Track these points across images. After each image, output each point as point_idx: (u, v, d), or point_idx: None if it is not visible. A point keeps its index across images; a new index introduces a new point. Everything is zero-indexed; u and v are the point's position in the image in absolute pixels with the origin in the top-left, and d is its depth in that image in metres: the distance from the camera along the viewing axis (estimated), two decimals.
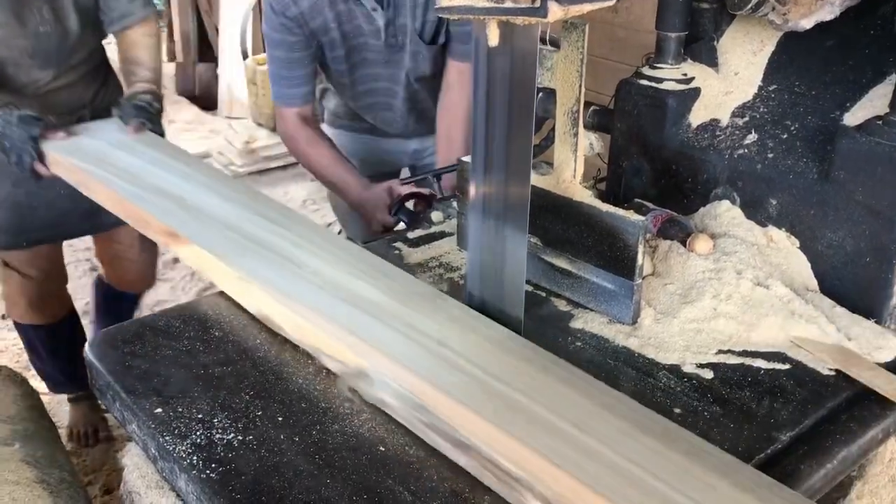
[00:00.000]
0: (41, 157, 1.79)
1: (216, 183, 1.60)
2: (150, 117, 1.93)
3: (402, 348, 1.11)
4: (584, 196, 1.34)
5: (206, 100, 5.85)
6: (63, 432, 2.52)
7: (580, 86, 1.26)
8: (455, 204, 1.64)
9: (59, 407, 2.71)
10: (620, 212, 1.29)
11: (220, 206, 1.50)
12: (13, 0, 1.95)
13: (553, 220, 1.36)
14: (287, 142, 2.22)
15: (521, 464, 0.93)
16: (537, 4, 0.96)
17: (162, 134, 1.96)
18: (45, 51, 2.03)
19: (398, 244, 1.62)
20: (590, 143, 1.46)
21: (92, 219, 2.19)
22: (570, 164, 1.34)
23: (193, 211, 1.48)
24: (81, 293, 3.44)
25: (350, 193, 2.12)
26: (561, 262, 1.40)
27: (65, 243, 2.52)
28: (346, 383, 1.16)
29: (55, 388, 2.68)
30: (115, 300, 2.70)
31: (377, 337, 1.14)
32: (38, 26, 2.00)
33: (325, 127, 2.39)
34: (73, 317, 2.61)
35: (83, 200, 1.73)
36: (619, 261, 1.31)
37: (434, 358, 1.09)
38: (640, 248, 1.27)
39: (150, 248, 2.55)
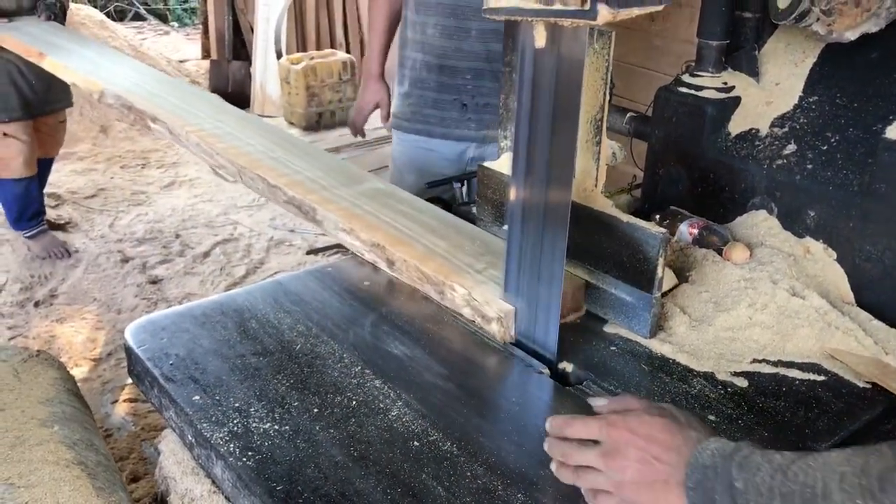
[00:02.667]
0: None
1: (78, 38, 2.85)
2: (55, 12, 3.18)
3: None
4: (605, 206, 1.32)
5: (238, 98, 5.89)
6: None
7: (605, 93, 1.25)
8: (475, 210, 1.63)
9: (90, 396, 2.74)
10: (641, 223, 1.27)
11: (72, 46, 2.64)
12: None
13: (572, 229, 1.33)
14: None
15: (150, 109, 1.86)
16: (587, 7, 0.96)
17: (62, 23, 3.21)
18: None
19: None
20: (612, 152, 1.44)
21: (48, 104, 3.47)
22: (592, 173, 1.32)
23: (56, 47, 2.61)
24: (113, 283, 3.49)
25: (365, 68, 2.48)
26: (579, 273, 1.39)
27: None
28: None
29: (31, 227, 3.64)
30: (44, 167, 3.75)
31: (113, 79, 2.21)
32: None
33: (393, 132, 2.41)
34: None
35: (44, 91, 3.37)
36: (638, 273, 1.29)
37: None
38: (661, 261, 1.25)
39: (64, 129, 3.76)
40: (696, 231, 1.53)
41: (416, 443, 1.08)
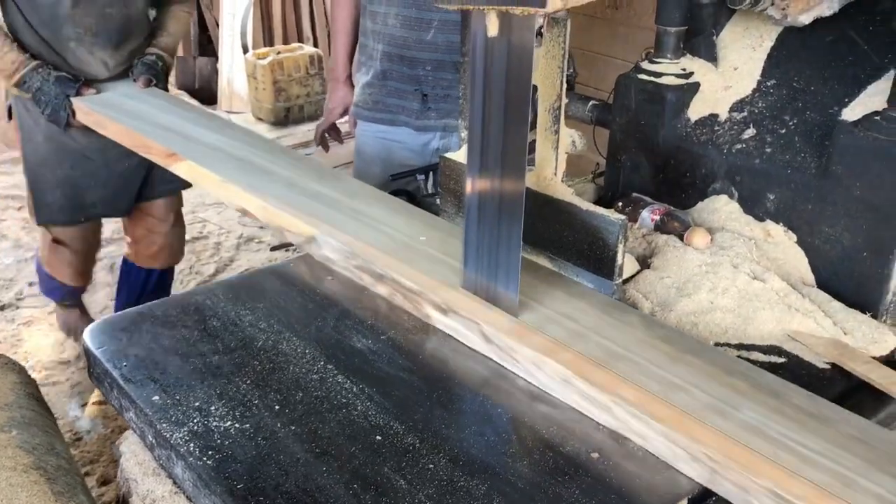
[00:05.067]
0: (73, 112, 2.13)
1: (207, 120, 2.01)
2: (156, 74, 2.28)
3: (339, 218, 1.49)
4: (565, 194, 1.32)
5: (205, 94, 5.83)
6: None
7: (562, 81, 1.24)
8: (438, 201, 1.62)
9: (58, 399, 2.71)
10: (601, 210, 1.27)
11: (209, 135, 1.87)
12: None
13: (533, 218, 1.31)
14: None
15: (414, 279, 1.32)
16: None
17: (165, 89, 2.29)
18: (107, 30, 2.25)
19: None
20: (572, 140, 1.44)
21: (136, 195, 2.49)
22: (552, 162, 1.32)
23: (188, 138, 1.84)
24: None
25: (332, 73, 2.48)
26: (541, 261, 1.38)
27: None
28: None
29: (64, 301, 2.89)
30: (140, 279, 2.74)
31: (322, 214, 1.50)
32: (105, 7, 2.22)
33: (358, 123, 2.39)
34: None
35: (130, 178, 2.37)
36: (599, 260, 1.29)
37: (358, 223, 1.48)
38: (621, 248, 1.25)
39: (179, 224, 2.69)
40: (657, 217, 1.53)
41: (378, 437, 1.07)
